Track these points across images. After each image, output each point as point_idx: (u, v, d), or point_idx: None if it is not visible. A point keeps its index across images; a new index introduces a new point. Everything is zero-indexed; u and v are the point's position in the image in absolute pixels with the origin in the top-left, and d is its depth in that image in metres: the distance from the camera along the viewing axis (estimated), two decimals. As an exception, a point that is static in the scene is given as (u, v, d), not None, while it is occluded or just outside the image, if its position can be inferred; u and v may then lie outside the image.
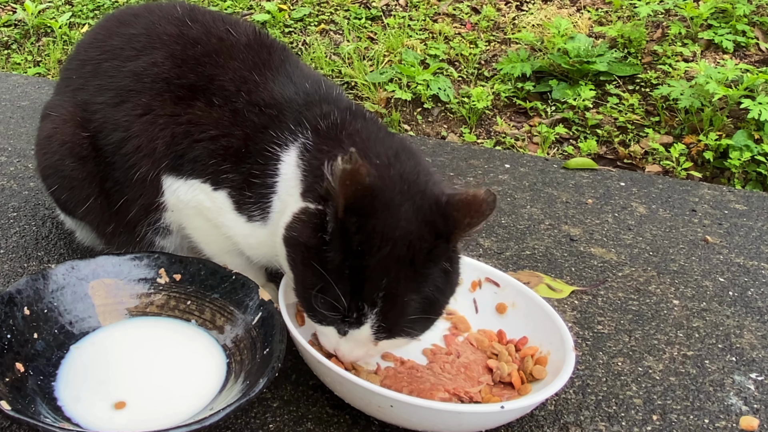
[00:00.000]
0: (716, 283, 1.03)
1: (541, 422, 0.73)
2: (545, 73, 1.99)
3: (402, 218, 0.63)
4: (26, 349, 0.71)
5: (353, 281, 0.62)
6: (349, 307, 0.63)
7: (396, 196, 0.64)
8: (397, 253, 0.62)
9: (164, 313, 0.79)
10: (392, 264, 0.62)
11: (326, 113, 0.74)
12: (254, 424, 0.70)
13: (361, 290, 0.62)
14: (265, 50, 0.81)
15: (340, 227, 0.62)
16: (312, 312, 0.67)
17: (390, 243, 0.62)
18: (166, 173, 0.79)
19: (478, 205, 0.62)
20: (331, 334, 0.67)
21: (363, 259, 0.62)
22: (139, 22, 0.85)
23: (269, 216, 0.74)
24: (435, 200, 0.65)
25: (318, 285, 0.64)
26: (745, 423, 0.75)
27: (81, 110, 0.84)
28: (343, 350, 0.68)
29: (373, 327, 0.64)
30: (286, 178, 0.72)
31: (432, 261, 0.64)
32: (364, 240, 0.62)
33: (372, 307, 0.63)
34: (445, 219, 0.64)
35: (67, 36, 2.40)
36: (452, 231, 0.63)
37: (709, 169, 1.67)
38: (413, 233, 0.63)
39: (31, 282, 0.76)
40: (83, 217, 0.88)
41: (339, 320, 0.65)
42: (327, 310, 0.64)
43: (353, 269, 0.62)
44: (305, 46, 2.23)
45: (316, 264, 0.63)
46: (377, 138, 0.71)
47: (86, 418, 0.66)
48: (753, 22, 2.04)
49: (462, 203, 0.63)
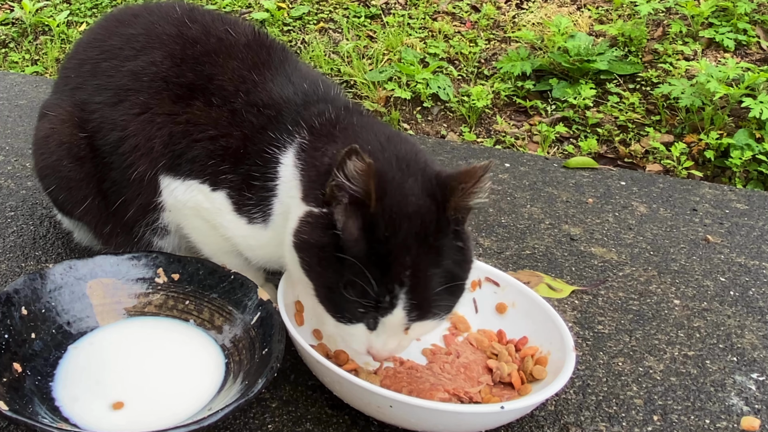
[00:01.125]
0: (717, 282, 1.03)
1: (542, 422, 0.72)
2: (545, 71, 1.99)
3: (409, 194, 0.64)
4: (24, 349, 0.71)
5: (380, 265, 0.62)
6: (380, 291, 0.63)
7: (397, 175, 0.65)
8: (414, 229, 0.63)
9: (162, 313, 0.79)
10: (411, 240, 0.63)
11: (321, 111, 0.74)
12: (253, 425, 0.69)
13: (388, 272, 0.62)
14: (264, 50, 0.81)
15: (369, 218, 0.63)
16: (339, 312, 0.66)
17: (406, 220, 0.63)
18: (164, 173, 0.79)
19: (473, 172, 0.63)
20: (361, 332, 0.66)
21: (388, 242, 0.62)
22: (139, 21, 0.85)
23: (270, 218, 0.74)
24: (435, 175, 0.67)
25: (343, 280, 0.63)
26: (746, 423, 0.75)
27: (79, 110, 0.84)
28: (377, 345, 0.66)
29: (405, 308, 0.64)
30: (286, 180, 0.72)
31: (441, 233, 0.64)
32: (389, 223, 0.62)
33: (401, 286, 0.63)
34: (443, 189, 0.65)
35: (65, 34, 2.40)
36: (449, 198, 0.64)
37: (710, 168, 1.66)
38: (422, 207, 0.64)
39: (29, 282, 0.75)
40: (81, 217, 0.88)
41: (372, 309, 0.64)
42: (360, 298, 0.63)
43: (378, 254, 0.62)
44: (304, 44, 2.23)
45: (335, 260, 0.63)
46: (370, 127, 0.72)
47: (84, 418, 0.66)
48: (754, 20, 2.03)
49: (460, 173, 0.65)
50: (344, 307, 0.65)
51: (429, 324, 0.67)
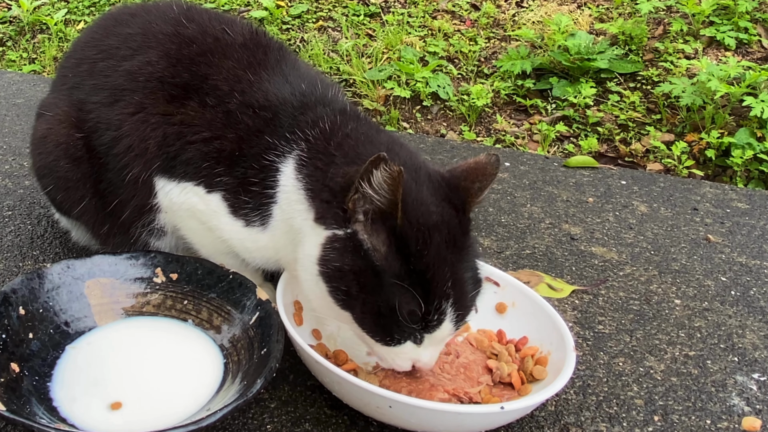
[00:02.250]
0: (718, 282, 1.03)
1: (542, 423, 0.72)
2: (545, 70, 1.98)
3: (429, 203, 0.64)
4: (21, 349, 0.70)
5: (421, 282, 0.61)
6: (428, 310, 0.62)
7: (413, 185, 0.65)
8: (443, 238, 0.63)
9: (161, 313, 0.79)
10: (444, 250, 0.62)
11: (319, 118, 0.73)
12: (251, 425, 0.69)
13: (431, 288, 0.61)
14: (261, 50, 0.80)
15: (399, 233, 0.61)
16: (388, 336, 0.63)
17: (435, 230, 0.62)
18: (159, 175, 0.78)
19: (483, 168, 0.64)
20: (408, 349, 0.65)
21: (423, 256, 0.62)
22: (136, 21, 0.85)
23: (269, 222, 0.73)
24: (441, 177, 0.66)
25: (388, 303, 0.62)
26: (748, 424, 0.74)
27: (76, 110, 0.83)
28: (426, 359, 0.65)
29: (452, 319, 0.63)
30: (287, 191, 0.71)
31: (465, 234, 0.64)
32: (419, 236, 0.62)
33: (446, 300, 0.62)
34: (456, 191, 0.65)
35: (62, 33, 2.39)
36: (465, 199, 0.64)
37: (711, 167, 1.66)
38: (443, 214, 0.64)
39: (27, 281, 0.75)
40: (78, 217, 0.87)
41: (420, 328, 0.63)
42: (409, 319, 0.62)
43: (417, 271, 0.61)
44: (303, 43, 2.22)
45: (375, 284, 0.62)
46: (367, 137, 0.71)
47: (82, 418, 0.66)
48: (755, 18, 2.03)
49: (467, 171, 0.65)
50: (392, 330, 0.63)
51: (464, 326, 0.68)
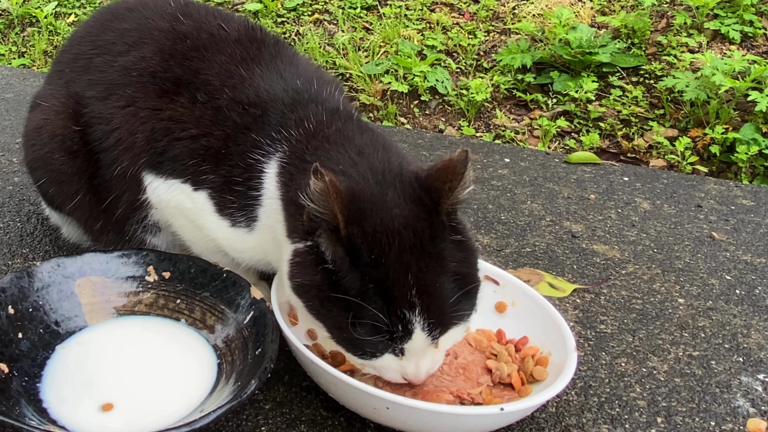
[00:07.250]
0: (723, 281, 1.01)
1: (542, 425, 0.71)
2: (546, 64, 1.96)
3: (392, 207, 0.61)
4: (10, 350, 0.70)
5: (382, 293, 0.59)
6: (391, 321, 0.60)
7: (375, 189, 0.62)
8: (406, 243, 0.60)
9: (153, 312, 0.78)
10: (407, 256, 0.60)
11: (305, 117, 0.71)
12: (246, 427, 0.68)
13: (393, 298, 0.59)
14: (255, 45, 0.79)
15: (347, 244, 0.60)
16: (360, 350, 0.62)
17: (396, 236, 0.60)
18: (146, 170, 0.77)
19: (453, 167, 0.61)
20: (392, 362, 0.63)
21: (380, 265, 0.59)
22: (133, 16, 0.84)
23: (255, 224, 0.72)
24: (414, 178, 0.64)
25: (350, 316, 0.60)
26: (753, 425, 0.73)
27: (74, 102, 0.83)
28: (412, 371, 0.63)
29: (425, 329, 0.61)
30: (269, 194, 0.70)
31: (437, 237, 0.62)
32: (373, 245, 0.59)
33: (411, 309, 0.60)
34: (428, 192, 0.62)
35: (53, 26, 2.36)
36: (438, 200, 0.62)
37: (715, 163, 1.64)
38: (409, 217, 0.61)
39: (16, 280, 0.74)
40: (71, 212, 0.86)
41: (388, 341, 0.61)
42: (372, 335, 0.60)
43: (375, 281, 0.59)
44: (298, 36, 2.20)
45: (336, 298, 0.60)
46: (345, 139, 0.68)
47: (73, 420, 0.65)
48: (760, 11, 2.00)
49: (438, 171, 0.62)
50: (362, 345, 0.62)
51: (457, 332, 0.64)
